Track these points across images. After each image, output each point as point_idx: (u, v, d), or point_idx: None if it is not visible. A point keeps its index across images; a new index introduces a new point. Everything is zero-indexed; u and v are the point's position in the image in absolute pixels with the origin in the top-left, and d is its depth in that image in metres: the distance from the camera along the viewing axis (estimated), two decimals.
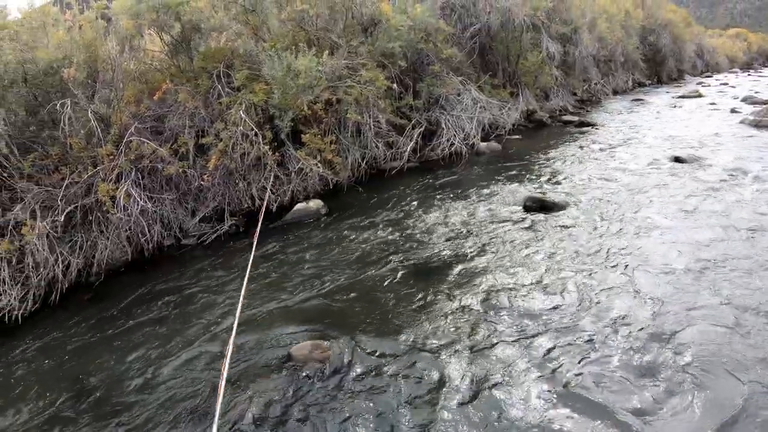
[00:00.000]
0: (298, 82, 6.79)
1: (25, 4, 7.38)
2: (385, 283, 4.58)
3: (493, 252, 4.98)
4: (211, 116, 6.97)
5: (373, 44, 8.10)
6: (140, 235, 6.49)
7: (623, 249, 4.80)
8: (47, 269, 6.45)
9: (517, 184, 7.14)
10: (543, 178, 7.41)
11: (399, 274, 4.71)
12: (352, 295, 4.46)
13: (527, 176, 7.56)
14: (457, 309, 4.04)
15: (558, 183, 7.10)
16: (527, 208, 5.99)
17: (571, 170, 7.70)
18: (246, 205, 6.68)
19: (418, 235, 5.58)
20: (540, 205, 5.96)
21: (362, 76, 7.56)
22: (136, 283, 6.22)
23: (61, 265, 6.50)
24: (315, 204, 6.67)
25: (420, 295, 4.30)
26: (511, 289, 4.25)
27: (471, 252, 5.02)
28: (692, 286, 4.01)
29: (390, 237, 5.64)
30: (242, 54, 7.50)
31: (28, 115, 7.54)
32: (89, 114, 7.12)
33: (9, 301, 6.28)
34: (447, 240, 5.39)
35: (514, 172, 7.84)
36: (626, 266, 4.46)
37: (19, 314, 6.06)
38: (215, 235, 6.49)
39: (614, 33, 16.73)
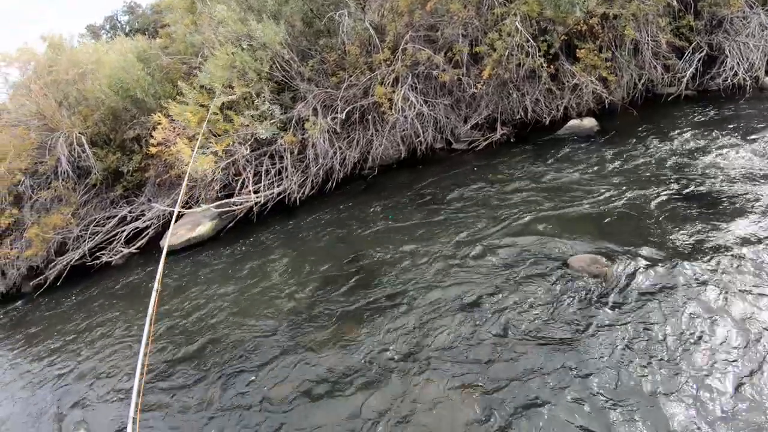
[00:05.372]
0: None
1: None
2: (663, 210, 4.25)
3: None
4: (484, 26, 7.03)
5: None
6: (414, 137, 7.02)
7: None
8: (326, 160, 7.42)
9: None
10: None
11: (677, 204, 4.33)
12: (629, 216, 4.26)
13: None
14: (742, 245, 3.52)
15: None
16: None
17: None
18: (518, 116, 6.74)
19: (694, 170, 5.03)
20: None
21: None
22: (407, 179, 6.82)
23: (338, 158, 7.43)
24: (588, 122, 6.47)
25: (699, 228, 3.87)
26: None
27: (754, 193, 4.34)
28: None
29: (664, 165, 5.23)
30: None
31: (305, 25, 8.50)
32: (366, 23, 7.73)
33: (290, 185, 7.44)
34: (727, 177, 4.73)
35: None
36: None
37: (298, 197, 7.18)
38: (486, 142, 6.74)
39: None
